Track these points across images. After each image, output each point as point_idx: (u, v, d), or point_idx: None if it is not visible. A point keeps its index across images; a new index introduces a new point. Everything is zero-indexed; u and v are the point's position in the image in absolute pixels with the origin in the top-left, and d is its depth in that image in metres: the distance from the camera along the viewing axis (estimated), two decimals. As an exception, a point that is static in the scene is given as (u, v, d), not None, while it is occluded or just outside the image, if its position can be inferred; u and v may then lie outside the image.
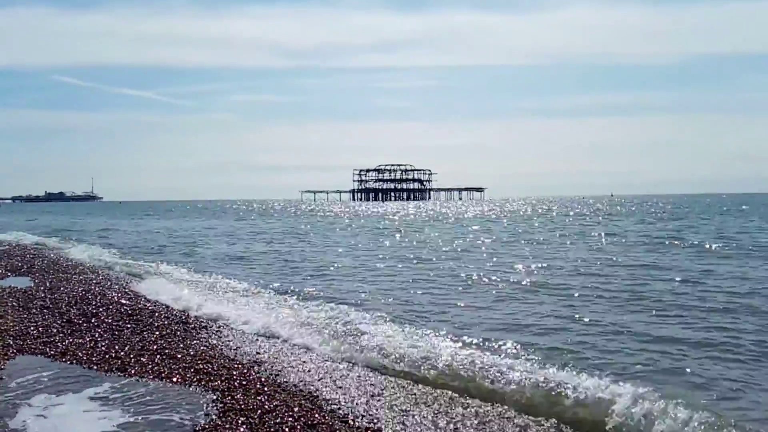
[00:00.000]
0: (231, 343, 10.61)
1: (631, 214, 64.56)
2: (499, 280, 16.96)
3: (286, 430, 6.55)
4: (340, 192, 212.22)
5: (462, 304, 13.47)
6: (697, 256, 21.71)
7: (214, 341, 10.61)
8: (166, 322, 11.87)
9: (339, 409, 7.35)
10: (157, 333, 10.95)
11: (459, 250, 26.79)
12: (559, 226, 45.12)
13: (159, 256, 25.46)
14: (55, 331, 10.99)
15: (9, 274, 19.53)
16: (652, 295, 13.89)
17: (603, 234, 33.59)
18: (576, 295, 14.23)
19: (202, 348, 10.00)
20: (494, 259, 22.52)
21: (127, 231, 47.33)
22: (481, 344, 9.62)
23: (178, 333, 11.06)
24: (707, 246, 24.92)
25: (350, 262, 22.61)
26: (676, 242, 27.29)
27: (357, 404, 7.53)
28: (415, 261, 22.49)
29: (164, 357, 9.31)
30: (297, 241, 34.42)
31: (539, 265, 19.69)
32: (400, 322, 11.32)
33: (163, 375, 8.44)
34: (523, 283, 16.26)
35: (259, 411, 7.02)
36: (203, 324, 11.98)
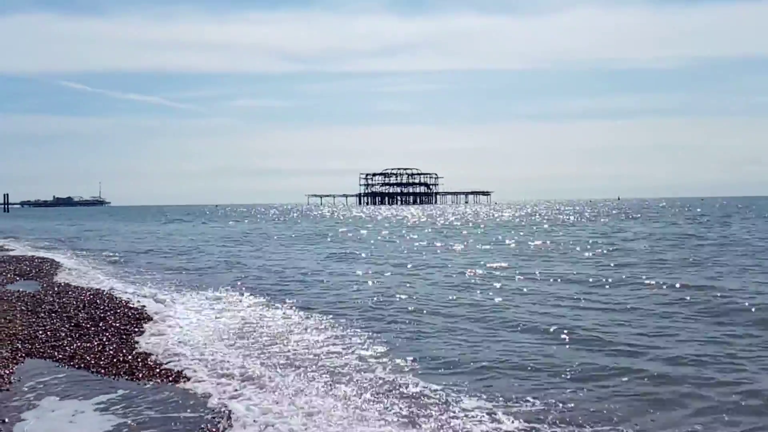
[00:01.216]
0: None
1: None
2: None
3: None
4: (346, 196, 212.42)
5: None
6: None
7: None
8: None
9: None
10: (165, 337, 10.93)
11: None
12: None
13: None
14: (63, 335, 10.97)
15: (17, 278, 19.59)
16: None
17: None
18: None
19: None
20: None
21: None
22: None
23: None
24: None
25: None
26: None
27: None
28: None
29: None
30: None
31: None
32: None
33: (171, 378, 8.43)
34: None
35: (268, 414, 6.97)
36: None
